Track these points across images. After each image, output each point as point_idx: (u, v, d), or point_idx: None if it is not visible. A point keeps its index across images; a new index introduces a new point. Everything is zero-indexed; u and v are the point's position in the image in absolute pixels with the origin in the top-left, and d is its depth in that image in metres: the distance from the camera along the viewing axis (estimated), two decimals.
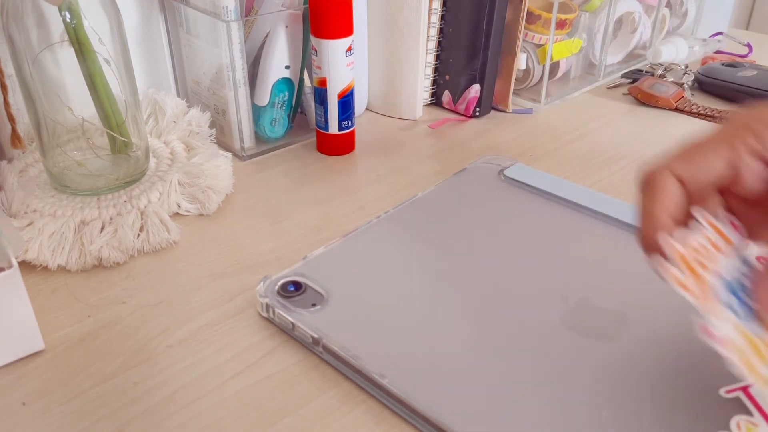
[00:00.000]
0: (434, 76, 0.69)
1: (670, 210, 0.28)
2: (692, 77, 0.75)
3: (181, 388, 0.34)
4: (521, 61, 0.67)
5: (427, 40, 0.65)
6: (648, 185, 0.29)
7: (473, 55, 0.65)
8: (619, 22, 0.79)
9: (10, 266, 0.34)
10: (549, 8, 0.65)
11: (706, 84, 0.73)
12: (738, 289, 0.25)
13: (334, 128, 0.58)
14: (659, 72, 0.76)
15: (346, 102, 0.57)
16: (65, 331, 0.38)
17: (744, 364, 0.22)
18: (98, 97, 0.46)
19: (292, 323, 0.36)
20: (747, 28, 1.32)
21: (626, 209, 0.46)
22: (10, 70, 0.46)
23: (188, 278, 0.43)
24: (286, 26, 0.55)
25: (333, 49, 0.54)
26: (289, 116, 0.60)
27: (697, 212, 0.27)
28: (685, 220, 0.29)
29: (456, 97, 0.68)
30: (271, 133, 0.59)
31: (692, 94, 0.73)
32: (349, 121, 0.58)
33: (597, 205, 0.47)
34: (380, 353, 0.34)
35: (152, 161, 0.51)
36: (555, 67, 0.72)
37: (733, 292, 0.26)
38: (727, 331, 0.23)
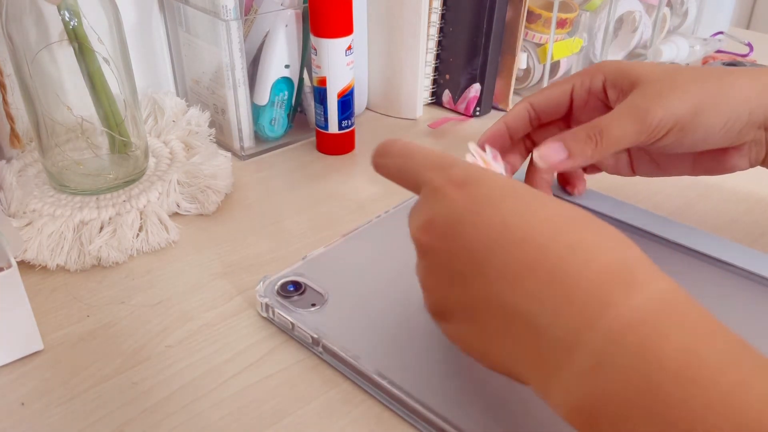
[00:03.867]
0: (434, 76, 0.68)
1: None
2: None
3: (180, 388, 0.34)
4: (522, 61, 0.67)
5: (427, 39, 0.65)
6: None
7: (473, 54, 0.64)
8: (620, 21, 0.79)
9: (9, 266, 0.34)
10: (549, 7, 0.65)
11: None
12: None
13: (333, 128, 0.58)
14: None
15: (345, 101, 0.57)
16: (64, 331, 0.38)
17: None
18: (97, 96, 0.46)
19: (291, 323, 0.36)
20: (748, 28, 1.32)
21: (627, 209, 0.46)
22: (9, 70, 0.46)
23: (187, 278, 0.42)
24: (286, 25, 0.55)
25: (333, 49, 0.54)
26: (288, 115, 0.60)
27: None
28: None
29: (456, 96, 0.68)
30: (271, 133, 0.59)
31: None
32: (349, 121, 0.58)
33: (597, 204, 0.47)
34: (380, 353, 0.34)
35: (151, 161, 0.51)
36: (555, 66, 0.72)
37: None
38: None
